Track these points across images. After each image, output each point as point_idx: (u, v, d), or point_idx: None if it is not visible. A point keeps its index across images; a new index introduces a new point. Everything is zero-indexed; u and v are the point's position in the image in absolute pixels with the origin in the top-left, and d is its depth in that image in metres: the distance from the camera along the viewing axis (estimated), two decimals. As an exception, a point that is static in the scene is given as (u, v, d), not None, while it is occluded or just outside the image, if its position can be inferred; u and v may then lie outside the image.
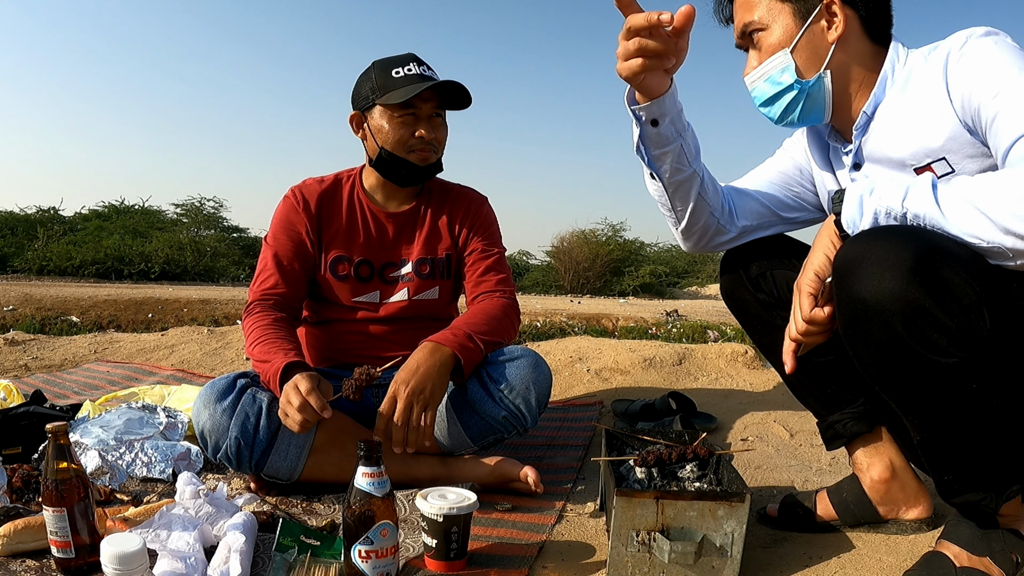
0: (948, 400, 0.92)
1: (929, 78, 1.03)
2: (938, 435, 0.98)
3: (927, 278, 0.84)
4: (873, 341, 0.91)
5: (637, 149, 1.17)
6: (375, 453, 1.00)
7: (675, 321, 4.42)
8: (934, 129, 1.02)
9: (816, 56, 1.11)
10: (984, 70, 0.96)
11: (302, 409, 1.20)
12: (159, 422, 1.66)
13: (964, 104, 0.98)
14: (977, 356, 0.87)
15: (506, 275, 1.62)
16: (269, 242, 1.56)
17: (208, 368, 2.83)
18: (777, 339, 1.26)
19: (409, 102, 1.46)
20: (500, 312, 1.51)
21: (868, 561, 1.16)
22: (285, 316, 1.49)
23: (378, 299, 1.59)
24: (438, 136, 1.52)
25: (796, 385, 1.31)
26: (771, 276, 1.23)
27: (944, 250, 0.85)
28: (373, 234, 1.59)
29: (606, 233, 12.87)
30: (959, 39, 1.01)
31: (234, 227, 12.27)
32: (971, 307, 0.84)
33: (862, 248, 0.89)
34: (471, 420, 1.42)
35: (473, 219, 1.63)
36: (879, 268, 0.86)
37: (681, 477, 1.25)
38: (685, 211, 1.24)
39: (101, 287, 6.69)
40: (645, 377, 2.58)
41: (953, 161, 1.02)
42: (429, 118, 1.50)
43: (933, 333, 0.85)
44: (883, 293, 0.86)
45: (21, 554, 1.10)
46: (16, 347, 3.13)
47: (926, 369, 0.89)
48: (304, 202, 1.57)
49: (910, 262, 0.84)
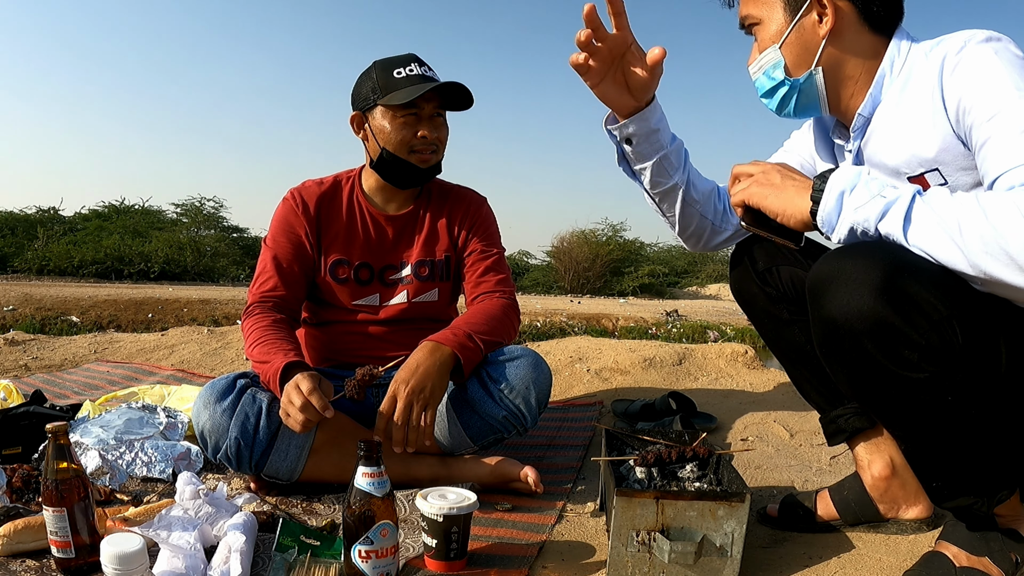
0: (926, 413, 0.92)
1: (925, 82, 1.00)
2: (921, 446, 0.98)
3: (895, 295, 0.84)
4: (846, 360, 0.92)
5: (618, 162, 1.25)
6: (375, 453, 1.00)
7: (675, 321, 4.42)
8: (927, 139, 1.00)
9: (806, 52, 1.09)
10: (980, 84, 0.92)
11: (304, 409, 1.20)
12: (159, 422, 1.66)
13: (958, 117, 0.95)
14: (950, 370, 0.87)
15: (505, 275, 1.62)
16: (268, 244, 1.56)
17: (208, 368, 2.83)
18: (782, 332, 1.27)
19: (412, 102, 1.46)
20: (500, 312, 1.51)
21: (868, 561, 1.16)
22: (284, 317, 1.49)
23: (378, 302, 1.59)
24: (440, 136, 1.52)
25: (799, 379, 1.31)
26: (777, 271, 1.24)
27: (913, 266, 0.85)
28: (373, 237, 1.59)
29: (606, 233, 12.89)
30: (957, 42, 0.97)
31: (234, 227, 12.28)
32: (941, 322, 0.84)
33: (831, 267, 0.90)
34: (471, 420, 1.42)
35: (472, 220, 1.63)
36: (848, 287, 0.87)
37: (681, 477, 1.25)
38: (674, 216, 1.29)
39: (101, 287, 6.69)
40: (645, 377, 2.58)
41: (947, 173, 0.99)
42: (431, 118, 1.50)
43: (903, 350, 0.86)
44: (852, 312, 0.87)
45: (21, 554, 1.10)
46: (16, 347, 3.13)
47: (900, 385, 0.89)
48: (303, 204, 1.57)
49: (878, 280, 0.85)
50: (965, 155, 0.97)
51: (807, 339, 1.24)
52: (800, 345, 1.25)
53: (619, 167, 1.26)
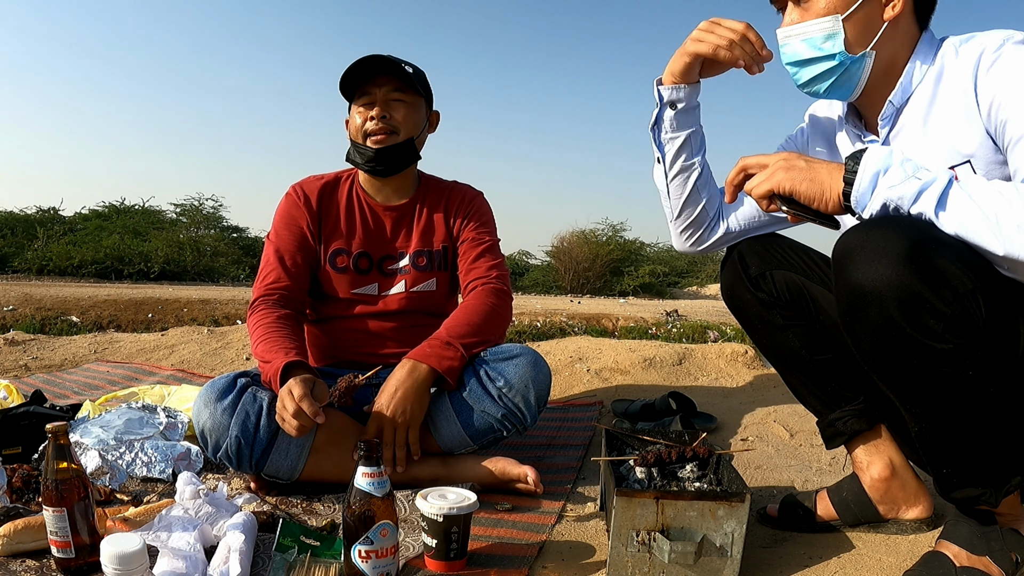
0: (945, 387, 0.92)
1: (959, 77, 1.01)
2: (936, 425, 0.98)
3: (922, 266, 0.85)
4: (870, 327, 0.91)
5: (652, 128, 1.28)
6: (375, 453, 1.00)
7: (675, 321, 4.42)
8: (960, 134, 1.00)
9: (868, 31, 1.06)
10: (1017, 83, 0.93)
11: (297, 415, 1.23)
12: (159, 422, 1.66)
13: (991, 114, 0.96)
14: (973, 343, 0.87)
15: (499, 261, 1.62)
16: (271, 238, 1.59)
17: (208, 368, 2.83)
18: (776, 338, 1.26)
19: (364, 90, 1.51)
20: (485, 308, 1.51)
21: (868, 561, 1.16)
22: (290, 313, 1.51)
23: (376, 291, 1.61)
24: (394, 116, 1.54)
25: (795, 384, 1.31)
26: (770, 276, 1.23)
27: (940, 240, 0.86)
28: (371, 227, 1.62)
29: (606, 233, 12.86)
30: (995, 40, 0.98)
31: (234, 227, 12.27)
32: (966, 295, 0.85)
33: (859, 237, 0.90)
34: (470, 419, 1.42)
35: (467, 210, 1.66)
36: (875, 255, 0.87)
37: (681, 477, 1.25)
38: (680, 199, 1.30)
39: (101, 287, 6.69)
40: (645, 377, 2.58)
41: (977, 167, 1.00)
42: (385, 102, 1.53)
43: (929, 319, 0.86)
44: (879, 279, 0.87)
45: (21, 554, 1.10)
46: (16, 347, 3.13)
47: (922, 355, 0.89)
48: (305, 197, 1.61)
49: (906, 250, 0.85)
50: (995, 151, 0.98)
51: (802, 344, 1.24)
52: (795, 350, 1.25)
53: (650, 132, 1.29)
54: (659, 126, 1.27)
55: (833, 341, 1.22)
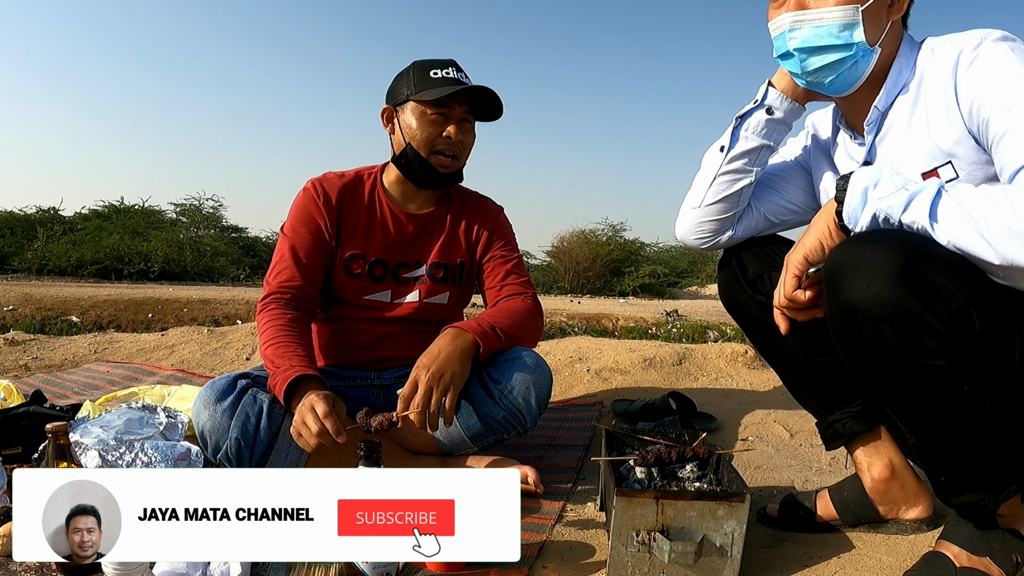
0: (940, 402, 0.92)
1: (938, 78, 1.01)
2: (932, 437, 0.98)
3: (915, 282, 0.84)
4: (863, 345, 0.91)
5: (738, 117, 1.24)
6: (375, 453, 1.00)
7: (675, 321, 4.42)
8: (940, 133, 1.00)
9: (878, 27, 1.05)
10: (996, 80, 0.93)
11: (321, 435, 1.20)
12: (159, 422, 1.66)
13: (972, 112, 0.95)
14: (967, 358, 0.87)
15: (527, 279, 1.64)
16: (287, 233, 1.55)
17: (208, 368, 2.83)
18: (775, 340, 1.26)
19: (443, 100, 1.46)
20: (525, 311, 1.53)
21: (868, 561, 1.16)
22: (300, 316, 1.49)
23: (388, 299, 1.59)
24: (465, 140, 1.53)
25: (795, 386, 1.31)
26: (768, 278, 1.23)
27: (933, 254, 0.85)
28: (391, 233, 1.59)
29: (606, 233, 12.86)
30: (972, 39, 0.98)
31: (233, 226, 12.27)
32: (960, 310, 0.84)
33: (852, 253, 0.89)
34: (471, 420, 1.42)
35: (491, 227, 1.65)
36: (867, 273, 0.86)
37: (681, 477, 1.25)
38: (719, 195, 1.25)
39: (101, 287, 6.69)
40: (645, 377, 2.58)
41: (959, 167, 0.99)
42: (459, 121, 1.50)
43: (922, 336, 0.86)
44: (871, 297, 0.86)
45: (21, 554, 1.10)
46: (16, 347, 3.13)
47: (916, 372, 0.89)
48: (324, 195, 1.56)
49: (898, 266, 0.84)
50: (976, 150, 0.97)
51: (800, 346, 1.23)
52: (794, 352, 1.25)
53: (734, 119, 1.25)
54: (745, 119, 1.23)
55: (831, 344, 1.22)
